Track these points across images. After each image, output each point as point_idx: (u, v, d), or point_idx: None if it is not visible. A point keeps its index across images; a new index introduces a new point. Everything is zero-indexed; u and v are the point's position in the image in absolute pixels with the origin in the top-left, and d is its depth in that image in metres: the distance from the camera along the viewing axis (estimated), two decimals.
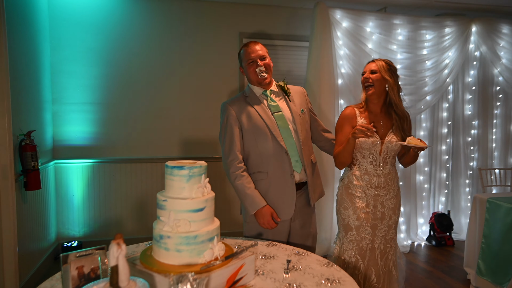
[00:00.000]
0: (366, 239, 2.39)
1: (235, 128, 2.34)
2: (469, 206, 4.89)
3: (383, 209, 2.42)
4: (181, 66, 4.59)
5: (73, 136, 4.32)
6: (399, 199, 2.51)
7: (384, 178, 2.41)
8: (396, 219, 2.48)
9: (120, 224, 4.48)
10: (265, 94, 2.42)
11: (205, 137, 4.70)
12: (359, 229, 2.41)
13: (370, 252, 2.40)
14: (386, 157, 2.40)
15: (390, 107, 2.46)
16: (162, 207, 1.52)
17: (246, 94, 2.43)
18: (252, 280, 1.60)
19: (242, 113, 2.36)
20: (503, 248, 3.23)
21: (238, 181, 2.28)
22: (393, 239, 2.47)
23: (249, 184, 2.29)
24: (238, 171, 2.29)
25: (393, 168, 2.47)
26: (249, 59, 2.37)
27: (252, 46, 2.38)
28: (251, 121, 2.34)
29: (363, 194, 2.41)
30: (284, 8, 4.84)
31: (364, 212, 2.40)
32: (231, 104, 2.39)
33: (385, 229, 2.43)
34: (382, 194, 2.42)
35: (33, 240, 3.56)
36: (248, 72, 2.40)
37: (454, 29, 4.75)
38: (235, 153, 2.32)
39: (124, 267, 1.13)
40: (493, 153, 5.22)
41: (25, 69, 3.49)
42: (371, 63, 2.44)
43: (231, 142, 2.33)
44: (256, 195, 2.28)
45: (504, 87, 5.07)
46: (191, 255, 1.46)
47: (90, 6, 4.28)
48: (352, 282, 1.60)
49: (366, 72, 2.43)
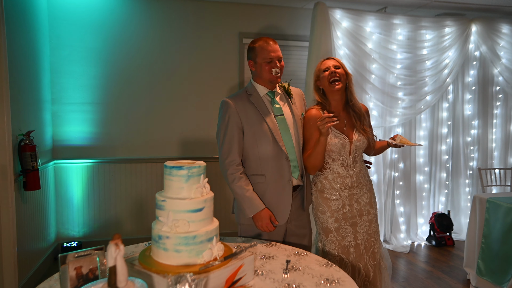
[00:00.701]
0: (347, 237, 2.40)
1: (236, 129, 2.24)
2: (469, 206, 4.89)
3: (359, 205, 2.44)
4: (181, 66, 4.58)
5: (72, 136, 4.32)
6: (372, 192, 2.52)
7: (356, 178, 2.41)
8: (374, 212, 2.50)
9: (119, 224, 4.48)
10: (270, 95, 2.33)
11: (204, 137, 4.70)
12: (338, 230, 2.41)
13: (354, 249, 2.41)
14: (355, 156, 2.40)
15: (347, 104, 2.44)
16: (161, 207, 1.51)
17: (249, 92, 2.31)
18: (251, 280, 1.60)
19: (244, 113, 2.25)
20: (503, 248, 3.23)
21: (237, 183, 2.22)
22: (376, 232, 2.49)
23: (248, 186, 2.24)
24: (236, 173, 2.23)
25: (362, 164, 2.47)
26: (269, 57, 2.24)
27: (273, 45, 2.26)
28: (254, 123, 2.26)
29: (338, 196, 2.40)
30: (284, 8, 4.83)
31: (341, 213, 2.40)
32: (233, 101, 2.27)
33: (366, 224, 2.45)
34: (356, 192, 2.43)
35: (33, 241, 3.56)
36: (262, 69, 2.26)
37: (454, 29, 4.75)
38: (234, 154, 2.24)
39: (122, 267, 1.13)
40: (493, 153, 5.22)
41: (25, 69, 3.48)
42: (329, 60, 2.42)
43: (231, 143, 2.25)
44: (255, 197, 2.23)
45: (504, 87, 5.07)
46: (190, 255, 1.45)
47: (89, 6, 4.28)
48: (352, 282, 1.59)
49: (329, 67, 2.36)
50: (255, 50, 2.28)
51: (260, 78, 2.31)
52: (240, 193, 2.23)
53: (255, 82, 2.35)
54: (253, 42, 2.32)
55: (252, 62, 2.31)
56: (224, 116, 2.27)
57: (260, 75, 2.29)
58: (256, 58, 2.28)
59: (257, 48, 2.28)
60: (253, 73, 2.36)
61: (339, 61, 2.41)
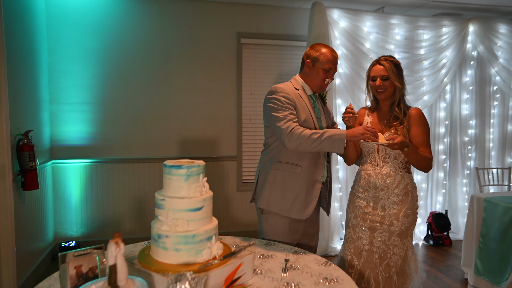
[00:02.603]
0: (362, 239, 2.37)
1: (291, 107, 2.24)
2: (467, 206, 4.90)
3: (383, 212, 2.33)
4: (179, 66, 4.58)
5: (70, 136, 4.31)
6: (406, 207, 2.32)
7: (382, 179, 2.34)
8: (400, 226, 2.31)
9: (118, 223, 4.47)
10: (313, 97, 2.41)
11: (203, 137, 4.70)
12: (355, 228, 2.41)
13: (367, 253, 2.36)
14: (385, 156, 2.33)
15: (392, 106, 2.42)
16: (160, 207, 1.52)
17: (296, 87, 2.37)
18: (250, 279, 1.60)
19: (296, 101, 2.29)
20: (500, 247, 3.24)
21: (307, 133, 2.14)
22: (397, 246, 2.32)
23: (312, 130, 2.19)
24: (298, 129, 2.17)
25: (396, 170, 2.33)
26: (329, 67, 2.33)
27: (336, 57, 2.36)
28: (303, 111, 2.29)
29: (363, 194, 2.40)
30: (282, 8, 4.84)
31: (362, 212, 2.38)
32: (286, 88, 2.30)
33: (386, 234, 2.32)
34: (382, 196, 2.33)
35: (31, 240, 3.55)
36: (317, 74, 2.34)
37: (452, 28, 4.76)
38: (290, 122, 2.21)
39: (122, 266, 1.13)
40: (490, 153, 5.24)
41: (23, 68, 3.48)
42: (379, 66, 2.36)
43: (287, 115, 2.21)
44: (331, 131, 2.17)
45: (501, 86, 5.09)
46: (189, 254, 1.46)
47: (87, 6, 4.27)
48: (350, 281, 1.60)
49: (377, 78, 2.34)
50: (319, 55, 2.35)
51: (311, 81, 2.38)
52: (319, 136, 2.15)
53: (303, 81, 2.41)
54: (320, 45, 2.38)
55: (310, 63, 2.36)
56: (278, 99, 2.25)
57: (313, 78, 2.37)
58: (316, 62, 2.34)
59: (322, 54, 2.34)
60: (304, 72, 2.41)
61: (389, 69, 2.33)
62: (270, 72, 4.88)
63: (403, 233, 2.32)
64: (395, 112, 2.35)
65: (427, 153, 2.29)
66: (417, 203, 2.38)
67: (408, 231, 2.34)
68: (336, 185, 4.49)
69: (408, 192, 2.33)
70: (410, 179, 2.36)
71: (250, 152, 4.89)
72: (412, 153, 2.24)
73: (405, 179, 2.34)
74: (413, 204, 2.35)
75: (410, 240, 2.38)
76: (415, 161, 2.28)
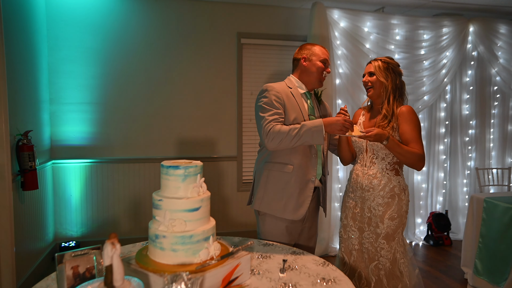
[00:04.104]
0: (352, 239, 2.41)
1: (279, 106, 2.22)
2: (467, 206, 4.89)
3: (370, 213, 2.33)
4: (179, 66, 4.59)
5: (70, 136, 4.32)
6: (391, 209, 2.28)
7: (368, 180, 2.32)
8: (385, 228, 2.28)
9: (117, 224, 4.48)
10: (307, 94, 2.40)
11: (201, 137, 4.70)
12: (346, 227, 2.45)
13: (357, 253, 2.41)
14: (373, 157, 2.34)
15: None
16: (158, 207, 1.52)
17: (289, 85, 2.36)
18: (248, 279, 1.60)
19: (287, 99, 2.28)
20: (500, 248, 3.24)
21: (281, 129, 2.13)
22: (384, 249, 2.29)
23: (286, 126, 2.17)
24: (275, 126, 2.16)
25: (382, 171, 2.31)
26: (325, 58, 2.37)
27: (326, 52, 2.40)
28: (293, 110, 2.28)
29: (352, 194, 2.43)
30: (282, 8, 4.84)
31: (352, 212, 2.42)
32: (277, 85, 2.30)
33: (373, 236, 2.31)
34: (368, 197, 2.33)
35: (31, 240, 3.56)
36: (315, 68, 2.35)
37: (452, 29, 4.76)
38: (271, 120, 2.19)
39: (118, 266, 1.13)
40: (490, 153, 5.23)
41: (23, 69, 3.48)
42: (369, 64, 2.41)
43: (271, 115, 2.20)
44: (308, 123, 2.15)
45: (501, 87, 5.08)
46: (186, 254, 1.46)
47: (88, 6, 4.28)
48: (348, 282, 1.60)
49: (365, 74, 2.40)
50: (313, 50, 2.38)
51: (308, 76, 2.37)
52: (290, 130, 2.13)
53: (297, 79, 2.41)
54: (308, 44, 2.43)
55: (307, 58, 2.37)
56: (267, 97, 2.25)
57: (311, 72, 2.36)
58: (311, 55, 2.37)
59: (315, 48, 2.39)
60: (300, 68, 2.40)
61: (376, 66, 2.35)
62: (270, 72, 4.88)
63: (389, 235, 2.29)
64: (384, 110, 2.32)
65: (416, 150, 2.22)
66: (406, 206, 2.32)
67: (395, 234, 2.30)
68: (336, 185, 4.49)
69: (394, 195, 2.29)
70: (398, 182, 2.31)
71: (250, 152, 4.90)
72: (395, 147, 2.19)
73: (392, 181, 2.30)
74: (400, 207, 2.30)
75: (399, 243, 2.33)
76: (400, 156, 2.22)
